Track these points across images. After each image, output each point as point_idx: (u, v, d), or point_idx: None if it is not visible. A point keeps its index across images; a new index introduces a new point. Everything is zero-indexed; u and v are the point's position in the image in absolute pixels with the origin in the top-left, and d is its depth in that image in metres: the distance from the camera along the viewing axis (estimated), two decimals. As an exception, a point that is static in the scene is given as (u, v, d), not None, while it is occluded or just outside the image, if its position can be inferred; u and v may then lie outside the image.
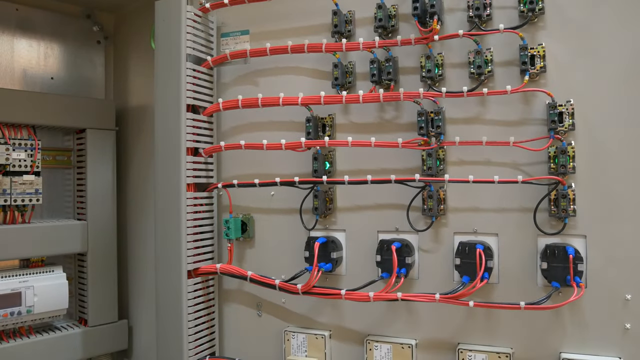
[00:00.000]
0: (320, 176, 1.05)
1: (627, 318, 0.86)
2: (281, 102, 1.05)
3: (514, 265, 0.94)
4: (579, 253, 0.88)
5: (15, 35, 1.40)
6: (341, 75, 1.07)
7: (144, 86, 1.47)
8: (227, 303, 1.22)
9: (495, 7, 0.96)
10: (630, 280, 0.86)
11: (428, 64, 0.99)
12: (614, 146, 0.88)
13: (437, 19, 0.95)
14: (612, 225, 0.88)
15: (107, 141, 1.44)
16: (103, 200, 1.42)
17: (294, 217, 1.12)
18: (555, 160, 0.90)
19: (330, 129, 1.10)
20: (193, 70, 1.13)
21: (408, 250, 1.00)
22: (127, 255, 1.51)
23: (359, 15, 1.08)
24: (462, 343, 0.97)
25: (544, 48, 0.92)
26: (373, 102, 1.02)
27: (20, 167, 1.28)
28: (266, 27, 1.17)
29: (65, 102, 1.36)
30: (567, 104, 0.90)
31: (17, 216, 1.28)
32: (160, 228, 1.13)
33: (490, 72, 0.96)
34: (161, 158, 1.13)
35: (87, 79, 1.54)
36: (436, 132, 0.97)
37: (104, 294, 1.42)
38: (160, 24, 1.14)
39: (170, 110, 1.11)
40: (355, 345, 1.07)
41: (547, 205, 0.91)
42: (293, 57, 1.10)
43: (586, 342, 0.89)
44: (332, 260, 1.05)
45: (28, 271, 1.28)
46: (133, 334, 1.49)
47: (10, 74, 1.38)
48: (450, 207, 0.99)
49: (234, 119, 1.20)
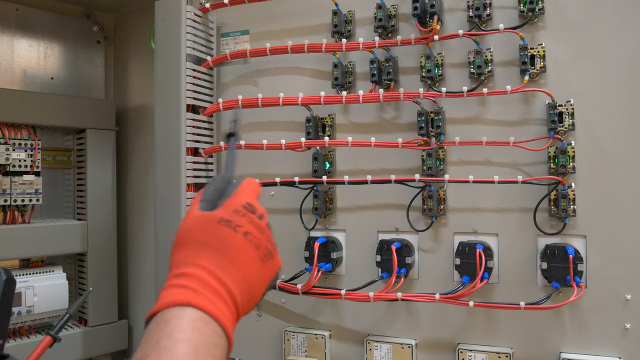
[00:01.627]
0: (320, 176, 1.05)
1: (627, 318, 0.86)
2: (281, 102, 1.05)
3: (514, 265, 0.95)
4: (579, 253, 0.88)
5: (15, 35, 1.40)
6: (341, 75, 1.07)
7: (144, 86, 1.47)
8: (227, 303, 1.22)
9: (495, 7, 0.96)
10: (630, 280, 0.86)
11: (428, 64, 0.99)
12: (614, 146, 0.88)
13: (437, 19, 0.95)
14: (612, 225, 0.88)
15: (107, 141, 1.44)
16: (103, 200, 1.42)
17: (294, 217, 1.12)
18: (555, 160, 0.90)
19: (330, 129, 1.10)
20: (193, 70, 1.13)
21: (408, 250, 1.00)
22: (127, 255, 1.51)
23: (359, 15, 1.08)
24: (462, 343, 0.97)
25: (544, 48, 0.92)
26: (373, 102, 1.02)
27: (20, 167, 1.28)
28: (266, 27, 1.17)
29: (65, 102, 1.36)
30: (567, 104, 0.90)
31: (17, 216, 1.28)
32: (160, 228, 1.13)
33: (490, 72, 0.96)
34: (161, 158, 1.13)
35: (87, 79, 1.54)
36: (436, 132, 0.97)
37: (104, 294, 1.41)
38: (160, 24, 1.14)
39: (170, 110, 1.11)
40: (355, 345, 1.07)
41: (547, 205, 0.91)
42: (293, 57, 1.10)
43: (586, 342, 0.89)
44: (332, 260, 1.05)
45: (28, 271, 1.28)
46: (133, 334, 1.49)
47: (10, 74, 1.38)
48: (450, 207, 0.99)
49: (234, 119, 1.20)
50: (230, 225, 0.45)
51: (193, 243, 0.45)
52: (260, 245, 0.46)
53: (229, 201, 0.47)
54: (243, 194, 0.48)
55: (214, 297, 0.42)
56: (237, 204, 0.47)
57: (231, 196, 0.48)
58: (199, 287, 0.42)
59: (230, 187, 0.50)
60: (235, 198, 0.47)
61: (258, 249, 0.46)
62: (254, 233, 0.46)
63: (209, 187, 0.50)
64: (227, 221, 0.45)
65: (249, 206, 0.47)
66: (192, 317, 0.39)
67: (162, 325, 0.39)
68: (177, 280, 0.43)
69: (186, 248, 0.45)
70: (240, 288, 0.44)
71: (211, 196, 0.48)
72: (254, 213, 0.47)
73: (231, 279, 0.43)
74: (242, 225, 0.45)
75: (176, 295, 0.41)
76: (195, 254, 0.44)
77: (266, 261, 0.46)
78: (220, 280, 0.43)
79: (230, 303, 0.43)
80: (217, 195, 0.48)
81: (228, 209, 0.46)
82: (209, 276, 0.42)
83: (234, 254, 0.44)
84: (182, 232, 0.46)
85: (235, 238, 0.45)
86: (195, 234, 0.45)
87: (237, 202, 0.47)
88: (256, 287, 0.46)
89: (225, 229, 0.45)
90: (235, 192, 0.48)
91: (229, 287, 0.43)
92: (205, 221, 0.45)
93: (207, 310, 0.40)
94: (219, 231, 0.45)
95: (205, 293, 0.41)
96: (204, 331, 0.39)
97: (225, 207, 0.47)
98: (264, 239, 0.46)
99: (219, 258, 0.43)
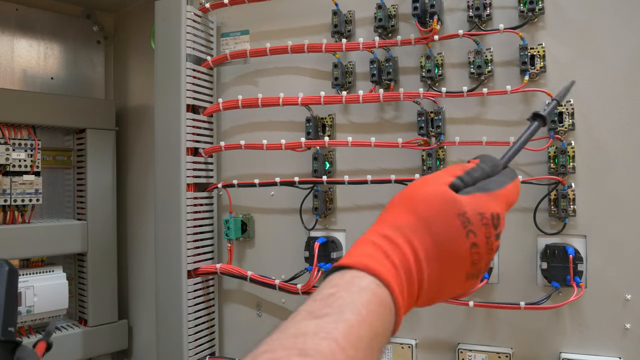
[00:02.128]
0: (320, 176, 1.05)
1: (627, 318, 0.86)
2: (281, 102, 1.05)
3: (514, 265, 0.94)
4: (579, 253, 0.88)
5: (15, 35, 1.39)
6: (341, 75, 1.07)
7: (144, 86, 1.47)
8: (227, 303, 1.22)
9: (495, 7, 0.96)
10: (630, 280, 0.86)
11: (428, 64, 0.99)
12: (614, 146, 0.88)
13: (437, 19, 0.95)
14: (612, 225, 0.88)
15: (107, 141, 1.44)
16: (103, 200, 1.42)
17: (294, 217, 1.12)
18: (555, 160, 0.90)
19: (330, 129, 1.10)
20: (193, 70, 1.13)
21: (408, 250, 1.00)
22: (127, 255, 1.51)
23: (359, 15, 1.08)
24: (462, 343, 0.97)
25: (544, 48, 0.92)
26: (373, 102, 1.02)
27: (20, 167, 1.28)
28: (266, 27, 1.17)
29: (65, 102, 1.36)
30: (567, 104, 0.90)
31: (17, 216, 1.28)
32: (160, 228, 1.13)
33: (490, 72, 0.96)
34: (161, 158, 1.13)
35: (87, 79, 1.54)
36: (436, 132, 0.97)
37: (104, 294, 1.42)
38: (160, 24, 1.14)
39: (170, 110, 1.11)
40: (355, 345, 1.07)
41: (547, 205, 0.91)
42: (293, 57, 1.10)
43: (586, 342, 0.89)
44: (332, 260, 1.05)
45: (28, 271, 1.28)
46: (133, 334, 1.49)
47: (10, 74, 1.38)
48: (450, 207, 0.99)
49: (234, 119, 1.20)
50: (466, 226, 0.40)
51: (419, 216, 0.40)
52: (478, 264, 0.41)
53: (483, 196, 0.42)
54: (502, 198, 0.43)
55: (407, 286, 0.39)
56: (489, 207, 0.41)
57: (490, 193, 0.42)
58: (402, 268, 0.38)
59: (497, 177, 0.44)
60: (491, 198, 0.42)
61: (473, 266, 0.41)
62: (482, 250, 0.41)
63: (476, 166, 0.44)
64: (467, 220, 0.40)
65: (496, 218, 0.42)
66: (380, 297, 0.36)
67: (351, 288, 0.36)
68: (384, 244, 0.39)
69: (409, 215, 0.40)
70: (432, 288, 0.40)
71: (471, 177, 0.43)
72: (496, 229, 0.42)
73: (430, 278, 0.40)
74: (478, 234, 0.40)
75: (379, 264, 0.38)
76: (416, 229, 0.40)
77: (469, 279, 0.42)
78: (421, 273, 0.39)
79: (414, 296, 0.40)
80: (479, 178, 0.43)
81: (476, 206, 0.41)
82: (415, 263, 0.39)
83: (449, 257, 0.40)
84: (416, 195, 0.42)
85: (461, 244, 0.40)
86: (428, 208, 0.40)
87: (490, 206, 0.42)
88: (443, 296, 0.42)
89: (459, 228, 0.40)
90: (496, 191, 0.43)
91: (423, 283, 0.40)
92: (446, 203, 0.40)
93: (396, 299, 0.37)
94: (452, 225, 0.40)
95: (402, 278, 0.38)
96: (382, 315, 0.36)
97: (475, 201, 0.41)
98: (484, 260, 0.42)
99: (434, 250, 0.39)
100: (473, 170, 0.44)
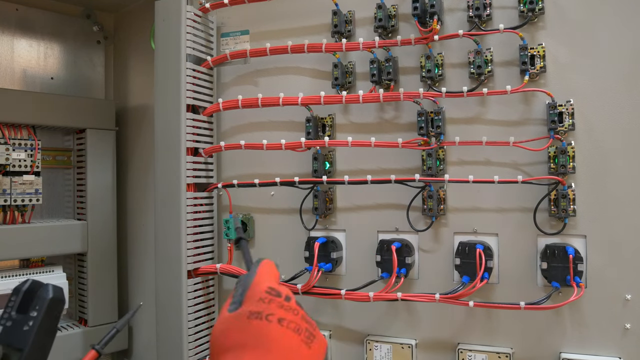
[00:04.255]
0: (320, 176, 1.05)
1: (627, 318, 0.86)
2: (281, 102, 1.05)
3: (514, 265, 0.95)
4: (579, 253, 0.88)
5: (15, 35, 1.39)
6: (341, 75, 1.07)
7: (144, 86, 1.47)
8: (227, 303, 1.22)
9: (495, 7, 0.96)
10: (630, 280, 0.86)
11: (428, 64, 0.99)
12: (614, 146, 0.88)
13: (437, 19, 0.95)
14: (612, 225, 0.88)
15: (107, 141, 1.44)
16: (103, 200, 1.42)
17: (294, 217, 1.12)
18: (555, 160, 0.90)
19: (330, 129, 1.10)
20: (193, 70, 1.13)
21: (408, 250, 1.00)
22: (127, 255, 1.51)
23: (359, 15, 1.08)
24: (462, 343, 0.97)
25: (544, 48, 0.92)
26: (373, 102, 1.02)
27: (20, 167, 1.28)
28: (266, 27, 1.17)
29: (65, 102, 1.36)
30: (567, 104, 0.90)
31: (17, 216, 1.28)
32: (160, 228, 1.13)
33: (490, 72, 0.96)
34: (161, 158, 1.13)
35: (87, 79, 1.54)
36: (436, 132, 0.97)
37: (104, 294, 1.41)
38: (160, 24, 1.14)
39: (170, 110, 1.11)
40: (355, 345, 1.07)
41: (547, 205, 0.91)
42: (293, 57, 1.10)
43: (586, 342, 0.89)
44: (332, 260, 1.05)
45: (28, 271, 1.28)
46: (133, 334, 1.49)
47: (10, 74, 1.38)
48: (450, 207, 0.99)
49: (234, 119, 1.20)
50: (261, 316, 0.42)
51: (231, 348, 0.41)
52: (299, 328, 0.43)
53: (250, 292, 0.45)
54: (262, 279, 0.46)
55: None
56: (259, 291, 0.44)
57: (251, 286, 0.45)
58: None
59: (248, 278, 0.47)
60: (255, 287, 0.45)
61: (299, 333, 0.42)
62: (288, 317, 0.43)
63: (237, 289, 0.47)
64: (257, 313, 0.42)
65: (272, 290, 0.44)
66: None
67: None
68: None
69: (225, 356, 0.41)
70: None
71: (238, 297, 0.45)
72: (280, 296, 0.44)
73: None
74: (273, 312, 0.42)
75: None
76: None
77: (311, 344, 0.43)
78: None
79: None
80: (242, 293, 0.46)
81: (252, 300, 0.44)
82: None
83: (276, 346, 0.41)
84: (216, 339, 0.43)
85: (271, 329, 0.41)
86: (230, 337, 0.42)
87: (259, 290, 0.44)
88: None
89: (258, 322, 0.41)
90: (253, 281, 0.46)
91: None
92: (235, 320, 0.42)
93: None
94: (253, 327, 0.41)
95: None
96: None
97: (249, 300, 0.44)
98: (300, 321, 0.43)
99: (263, 357, 0.40)
100: (234, 293, 0.46)
